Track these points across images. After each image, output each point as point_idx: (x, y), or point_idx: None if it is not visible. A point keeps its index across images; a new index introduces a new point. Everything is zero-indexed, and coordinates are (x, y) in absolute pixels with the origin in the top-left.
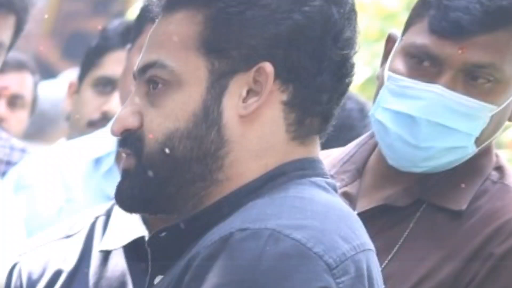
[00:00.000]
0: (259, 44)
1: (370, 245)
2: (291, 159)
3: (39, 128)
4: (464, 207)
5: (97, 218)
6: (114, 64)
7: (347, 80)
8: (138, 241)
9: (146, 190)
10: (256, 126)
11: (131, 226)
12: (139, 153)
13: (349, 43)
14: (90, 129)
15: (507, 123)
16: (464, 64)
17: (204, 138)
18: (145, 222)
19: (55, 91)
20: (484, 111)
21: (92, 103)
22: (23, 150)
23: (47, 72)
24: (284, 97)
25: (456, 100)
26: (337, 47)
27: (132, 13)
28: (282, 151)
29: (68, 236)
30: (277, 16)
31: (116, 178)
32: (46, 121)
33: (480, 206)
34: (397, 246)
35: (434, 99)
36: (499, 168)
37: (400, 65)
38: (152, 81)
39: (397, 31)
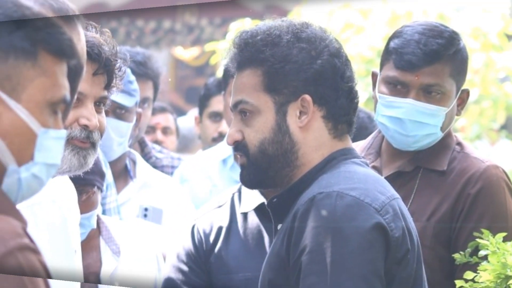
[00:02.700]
0: (298, 84)
1: (397, 195)
2: (336, 149)
3: (184, 146)
4: (445, 168)
5: (233, 194)
6: (217, 104)
7: (356, 101)
8: (261, 205)
9: (256, 175)
10: (310, 132)
11: (254, 197)
12: (247, 154)
13: (351, 79)
14: (213, 143)
15: (456, 117)
16: (420, 85)
17: (282, 142)
18: (262, 193)
19: (188, 122)
20: (440, 111)
21: (211, 128)
22: (179, 159)
23: (179, 112)
24: (321, 114)
25: (423, 107)
26: (344, 82)
27: (219, 73)
28: (329, 145)
29: (219, 206)
30: (304, 67)
31: (238, 170)
32: (187, 141)
33: (454, 167)
34: (412, 195)
35: (409, 107)
36: (459, 144)
37: (383, 89)
38: (242, 112)
39: (376, 69)
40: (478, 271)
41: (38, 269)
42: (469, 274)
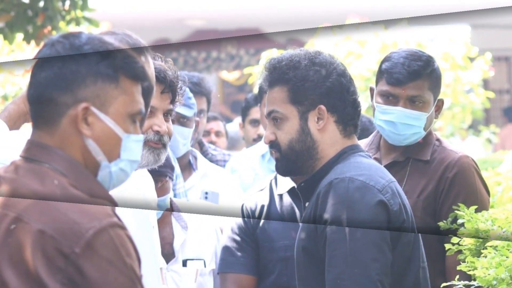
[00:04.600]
0: (315, 98)
1: (394, 179)
2: (346, 145)
3: (232, 145)
4: (428, 158)
5: (271, 180)
6: (255, 113)
7: (359, 109)
8: (292, 188)
9: (288, 166)
10: (326, 133)
11: (287, 182)
12: (280, 150)
13: (354, 93)
14: (254, 142)
15: (434, 119)
16: (407, 96)
17: (305, 141)
18: (292, 179)
19: (234, 127)
20: (423, 116)
21: (251, 131)
22: (229, 155)
23: (227, 120)
24: (334, 119)
25: (409, 112)
26: (349, 95)
27: (256, 90)
28: (341, 142)
29: (261, 190)
30: (319, 85)
31: (273, 162)
32: (234, 141)
33: (435, 157)
34: (405, 179)
35: (400, 113)
36: (438, 140)
37: (379, 100)
38: (274, 119)
39: (373, 85)
40: (457, 235)
41: (126, 241)
42: (455, 239)
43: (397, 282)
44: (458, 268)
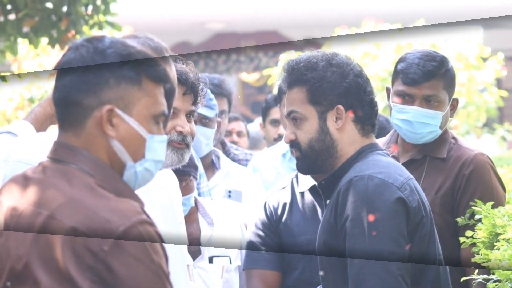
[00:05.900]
0: (333, 98)
1: (412, 176)
2: (365, 144)
3: (253, 144)
4: (445, 156)
5: (292, 178)
6: (275, 113)
7: (376, 108)
8: (313, 186)
9: (308, 165)
10: (345, 132)
11: (308, 180)
12: (300, 149)
13: (371, 93)
14: (274, 142)
15: (450, 118)
16: (422, 96)
17: (325, 140)
18: (313, 177)
19: (255, 127)
20: (438, 115)
21: (272, 131)
22: (251, 154)
23: (247, 120)
24: (352, 118)
25: (425, 111)
26: (366, 95)
27: (275, 91)
28: (359, 141)
29: (283, 188)
30: (336, 85)
31: (294, 161)
32: (255, 141)
33: (452, 155)
34: (423, 176)
35: (416, 112)
36: (454, 138)
37: (395, 99)
38: (294, 119)
39: (389, 85)
40: (475, 230)
41: (155, 237)
42: (469, 233)
43: (414, 275)
44: (473, 260)
